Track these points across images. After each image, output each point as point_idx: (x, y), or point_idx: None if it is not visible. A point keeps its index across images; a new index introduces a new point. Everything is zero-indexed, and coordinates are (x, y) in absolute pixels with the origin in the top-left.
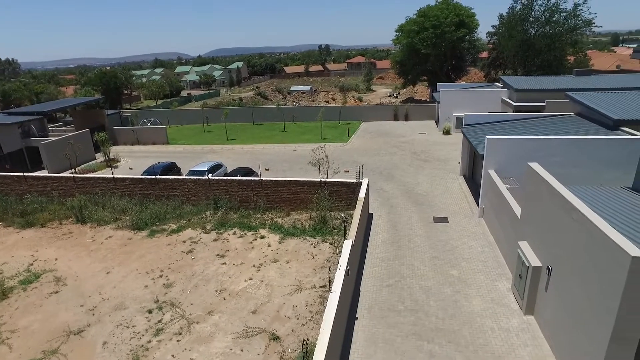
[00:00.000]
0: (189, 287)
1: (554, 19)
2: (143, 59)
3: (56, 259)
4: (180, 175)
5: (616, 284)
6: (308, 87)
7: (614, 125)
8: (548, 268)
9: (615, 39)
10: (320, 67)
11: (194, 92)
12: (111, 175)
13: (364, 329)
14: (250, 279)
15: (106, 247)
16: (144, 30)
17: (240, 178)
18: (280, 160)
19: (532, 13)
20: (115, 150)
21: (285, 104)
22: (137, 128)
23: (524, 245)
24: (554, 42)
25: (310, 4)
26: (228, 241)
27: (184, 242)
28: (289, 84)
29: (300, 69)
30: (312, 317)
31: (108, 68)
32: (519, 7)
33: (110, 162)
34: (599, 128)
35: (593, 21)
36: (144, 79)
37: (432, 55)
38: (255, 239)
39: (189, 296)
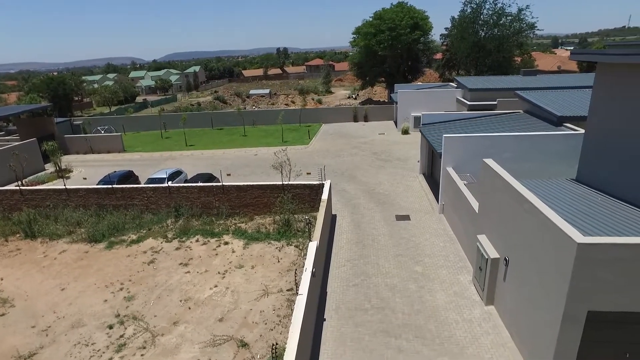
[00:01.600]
0: (152, 299)
1: (501, 22)
2: (94, 64)
3: (1, 279)
4: (139, 183)
5: (565, 269)
6: (267, 91)
7: (558, 121)
8: (505, 259)
9: (555, 42)
10: (279, 70)
11: (150, 98)
12: (63, 187)
13: (332, 330)
14: (216, 286)
15: (60, 262)
16: (94, 34)
17: (202, 184)
18: (242, 164)
19: (481, 16)
20: (67, 160)
21: (245, 108)
22: (90, 136)
23: (483, 239)
24: (502, 44)
25: (268, 7)
26: (191, 249)
27: (145, 252)
28: (248, 87)
29: (259, 72)
30: (280, 321)
31: (55, 73)
32: (469, 10)
33: (62, 173)
34: (546, 124)
35: (535, 25)
36: (95, 85)
37: (389, 56)
38: (219, 246)
39: (152, 308)
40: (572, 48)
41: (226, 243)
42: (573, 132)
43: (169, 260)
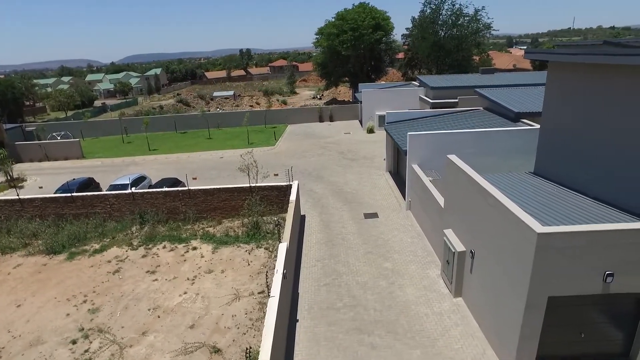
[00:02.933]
0: (119, 309)
1: (459, 22)
2: (46, 67)
3: None
4: (100, 190)
5: (526, 258)
6: (231, 92)
7: (515, 117)
8: (471, 252)
9: (510, 41)
10: (242, 72)
11: (109, 102)
12: (16, 197)
13: (305, 330)
14: (185, 292)
15: (14, 277)
16: (46, 35)
17: (167, 189)
18: (208, 168)
19: (441, 17)
20: (19, 168)
21: (209, 110)
22: (45, 143)
23: (449, 233)
24: (461, 44)
25: (230, 7)
26: (158, 256)
27: (109, 261)
28: (211, 89)
29: (222, 74)
30: (252, 324)
31: (2, 76)
32: (428, 11)
33: (14, 182)
34: (504, 120)
35: (491, 25)
36: (49, 89)
37: (352, 56)
38: (187, 251)
39: (119, 319)
40: (525, 47)
41: (194, 248)
42: (529, 127)
43: (135, 268)
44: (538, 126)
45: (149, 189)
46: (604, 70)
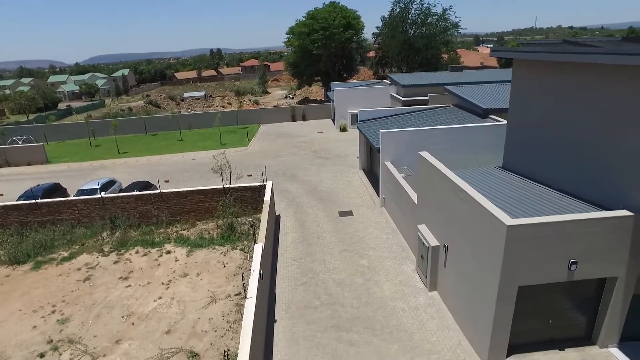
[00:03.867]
0: (90, 318)
1: (428, 21)
2: (3, 67)
3: None
4: (67, 196)
5: (497, 250)
6: (202, 93)
7: (484, 113)
8: (445, 246)
9: (477, 40)
10: (213, 72)
11: (75, 104)
12: None
13: (284, 330)
14: (160, 297)
15: None
16: (1, 34)
17: (138, 193)
18: (180, 170)
19: (410, 16)
20: None
21: (180, 112)
22: (5, 148)
23: (423, 228)
24: (430, 42)
25: (198, 6)
26: (131, 261)
27: (79, 269)
28: (182, 90)
29: (193, 74)
30: (230, 327)
31: None
32: (398, 10)
33: None
34: (473, 117)
35: (459, 24)
36: (7, 91)
37: (323, 55)
38: (161, 255)
39: (91, 328)
40: (492, 46)
41: (168, 252)
42: (497, 123)
43: (107, 275)
44: (505, 122)
45: (119, 193)
46: (563, 67)
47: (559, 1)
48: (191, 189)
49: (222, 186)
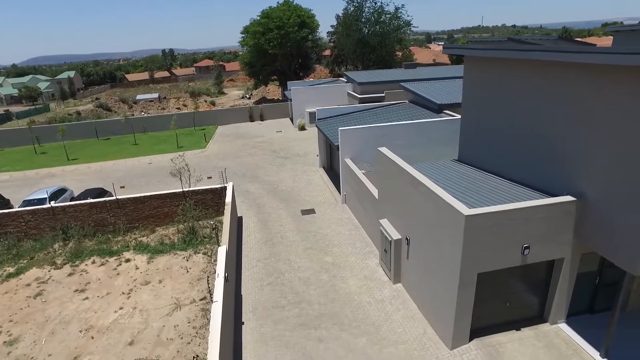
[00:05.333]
0: (44, 336)
1: (381, 19)
2: None
3: None
4: (11, 207)
5: (457, 239)
6: (156, 95)
7: (438, 109)
8: (407, 238)
9: (429, 38)
10: (166, 73)
11: (14, 108)
12: None
13: (252, 332)
14: (121, 308)
15: None
16: None
17: (92, 200)
18: (136, 175)
19: (364, 14)
20: None
21: (133, 115)
22: None
23: (385, 222)
24: (384, 40)
25: (148, 5)
26: (87, 272)
27: (29, 285)
28: (134, 92)
29: (145, 75)
30: (197, 332)
31: None
32: (352, 9)
33: None
34: (428, 112)
35: (411, 22)
36: None
37: (279, 55)
38: (120, 264)
39: (45, 347)
40: (443, 43)
41: (128, 260)
42: (451, 117)
43: (60, 289)
44: (459, 116)
45: (70, 201)
46: (509, 63)
47: (503, 1)
48: (149, 194)
49: (181, 190)
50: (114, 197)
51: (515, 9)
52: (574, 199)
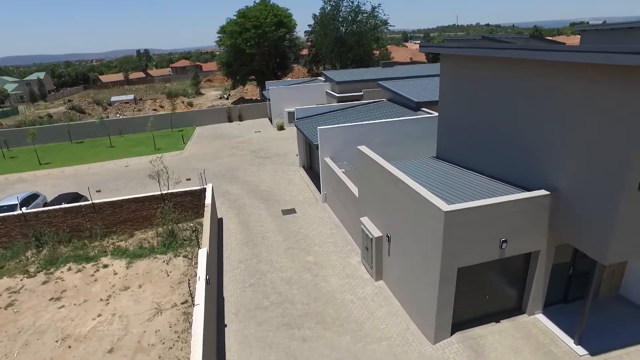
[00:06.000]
0: (16, 348)
1: (358, 19)
2: None
3: None
4: None
5: (437, 235)
6: (131, 96)
7: (416, 107)
8: (387, 236)
9: (405, 36)
10: (142, 74)
11: None
12: None
13: (235, 334)
14: (100, 315)
15: None
16: None
17: (67, 205)
18: (113, 178)
19: (341, 14)
20: None
21: (108, 117)
22: None
23: (365, 220)
24: (361, 39)
25: (121, 4)
26: (63, 280)
27: None
28: (108, 94)
29: (119, 77)
30: (179, 337)
31: None
32: (329, 8)
33: None
34: (406, 110)
35: (388, 21)
36: None
37: (257, 54)
38: (97, 270)
39: (18, 359)
40: (419, 42)
41: (105, 266)
42: (429, 115)
43: (34, 298)
44: (436, 114)
45: (44, 207)
46: (484, 61)
47: (477, 1)
48: (126, 197)
49: (160, 192)
50: (90, 202)
51: (489, 9)
52: (548, 192)
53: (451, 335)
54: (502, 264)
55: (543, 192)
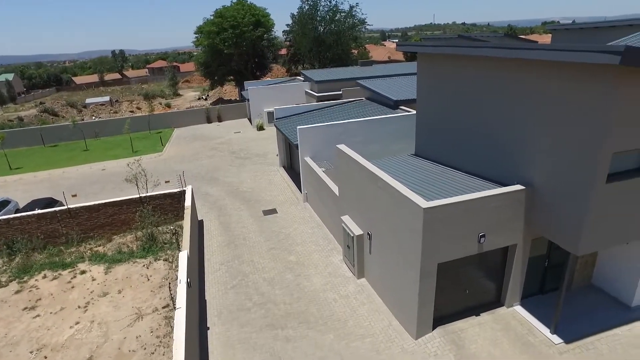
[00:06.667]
0: None
1: (336, 18)
2: None
3: None
4: None
5: (416, 232)
6: (107, 98)
7: (394, 105)
8: (368, 234)
9: (383, 35)
10: (117, 75)
11: None
12: None
13: (218, 336)
14: (77, 323)
15: None
16: None
17: (40, 211)
18: (89, 182)
19: (318, 13)
20: None
21: (83, 119)
22: None
23: (346, 219)
24: (339, 38)
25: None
26: (38, 288)
27: None
28: (83, 96)
29: (94, 78)
30: (160, 342)
31: None
32: (306, 7)
33: None
34: (385, 108)
35: (365, 20)
36: None
37: (235, 54)
38: (75, 277)
39: None
40: (397, 41)
41: (83, 272)
42: (407, 113)
43: (6, 308)
44: (414, 112)
45: (15, 213)
46: (460, 60)
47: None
48: (104, 201)
49: (138, 195)
50: (65, 207)
51: (465, 8)
52: (523, 187)
53: (433, 330)
54: (481, 258)
55: (519, 187)
